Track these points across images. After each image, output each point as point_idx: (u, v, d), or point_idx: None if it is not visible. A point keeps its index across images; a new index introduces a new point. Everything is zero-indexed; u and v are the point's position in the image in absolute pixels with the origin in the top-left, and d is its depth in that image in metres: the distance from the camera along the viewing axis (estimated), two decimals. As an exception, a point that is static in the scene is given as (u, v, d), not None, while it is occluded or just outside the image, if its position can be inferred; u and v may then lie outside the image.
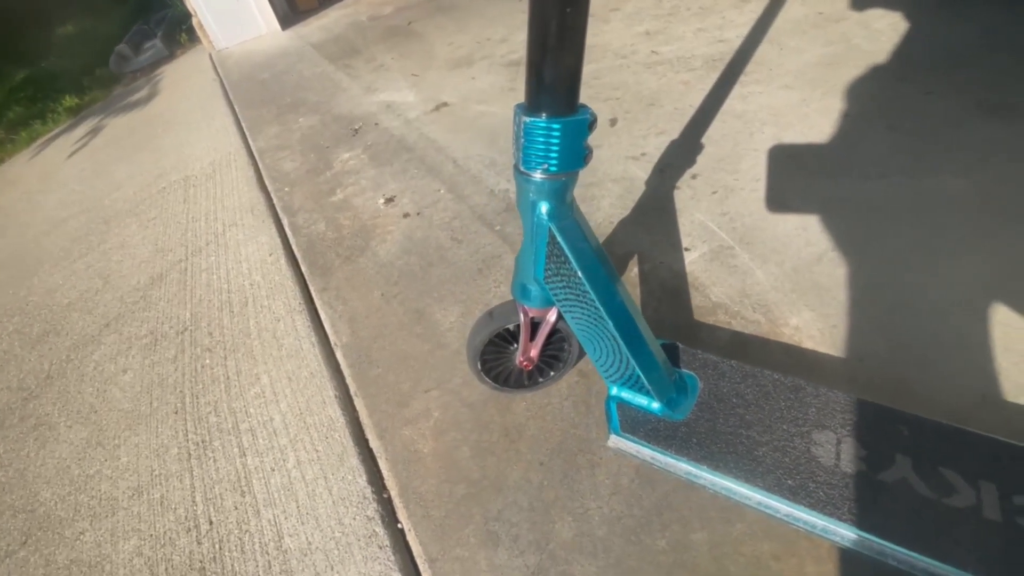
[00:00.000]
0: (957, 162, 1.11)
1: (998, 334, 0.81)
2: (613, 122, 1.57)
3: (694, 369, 0.79)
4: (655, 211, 1.21)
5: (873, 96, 1.36)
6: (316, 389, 1.02)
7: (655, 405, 0.75)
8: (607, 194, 1.31)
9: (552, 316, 0.77)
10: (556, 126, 0.57)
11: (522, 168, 0.62)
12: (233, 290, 1.38)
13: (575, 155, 0.60)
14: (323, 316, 1.17)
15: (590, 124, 0.59)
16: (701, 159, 1.32)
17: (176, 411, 1.13)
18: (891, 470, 0.63)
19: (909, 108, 1.29)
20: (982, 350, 0.79)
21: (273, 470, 0.92)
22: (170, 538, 0.89)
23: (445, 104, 1.93)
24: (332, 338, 1.11)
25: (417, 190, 1.50)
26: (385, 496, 0.83)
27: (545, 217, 0.63)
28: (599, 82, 1.78)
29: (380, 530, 0.78)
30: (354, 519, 0.81)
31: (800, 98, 1.43)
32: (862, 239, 1.01)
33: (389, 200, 1.49)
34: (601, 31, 2.11)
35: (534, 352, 0.81)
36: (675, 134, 1.44)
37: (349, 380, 1.02)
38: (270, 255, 1.44)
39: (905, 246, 0.98)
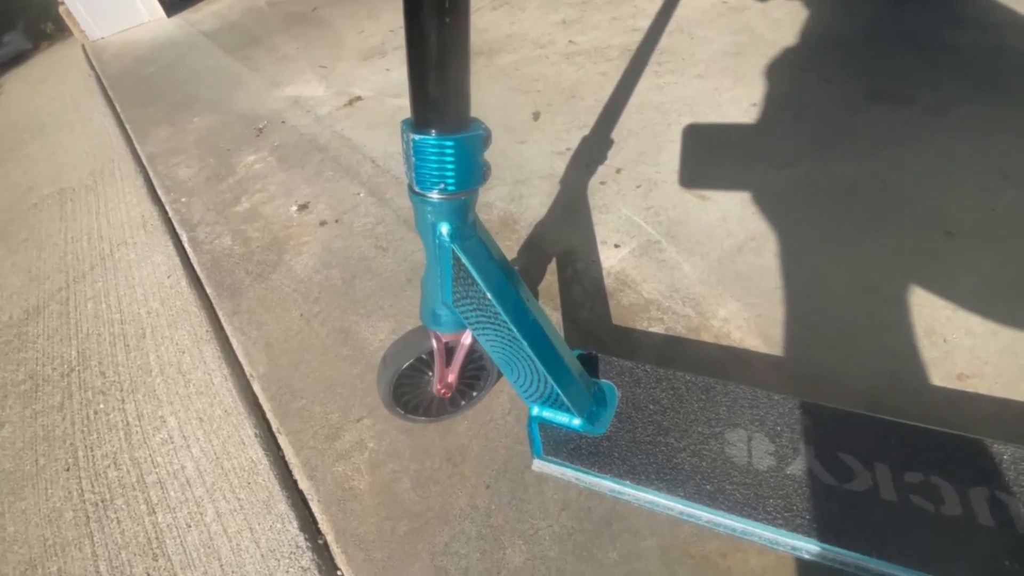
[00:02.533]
0: (855, 149, 1.19)
1: (902, 314, 0.87)
2: (536, 116, 1.54)
3: (610, 377, 0.79)
4: (583, 208, 1.20)
5: (778, 85, 1.43)
6: (233, 428, 0.92)
7: (576, 422, 0.74)
8: (536, 192, 1.28)
9: (467, 339, 0.74)
10: (449, 143, 0.54)
11: (417, 189, 0.58)
12: (127, 320, 1.22)
13: (473, 172, 0.57)
14: (235, 344, 1.06)
15: (484, 139, 0.56)
16: (623, 153, 1.33)
17: (68, 468, 0.98)
18: (796, 461, 0.66)
19: (810, 96, 1.36)
20: (889, 330, 0.85)
21: (189, 526, 0.82)
22: (69, 620, 0.78)
23: (359, 98, 1.81)
24: (247, 369, 1.01)
25: (334, 194, 1.40)
26: (320, 542, 0.76)
27: (447, 238, 0.61)
28: (519, 73, 1.74)
29: (317, 581, 0.72)
30: (287, 572, 0.74)
31: (712, 87, 1.47)
32: (777, 227, 1.06)
33: (303, 207, 1.38)
34: (518, 19, 2.07)
35: (452, 378, 0.78)
36: (597, 127, 1.43)
37: (270, 415, 0.93)
38: (168, 277, 1.28)
39: (815, 232, 1.03)
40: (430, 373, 0.79)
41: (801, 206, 1.08)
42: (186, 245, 1.36)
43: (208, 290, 1.21)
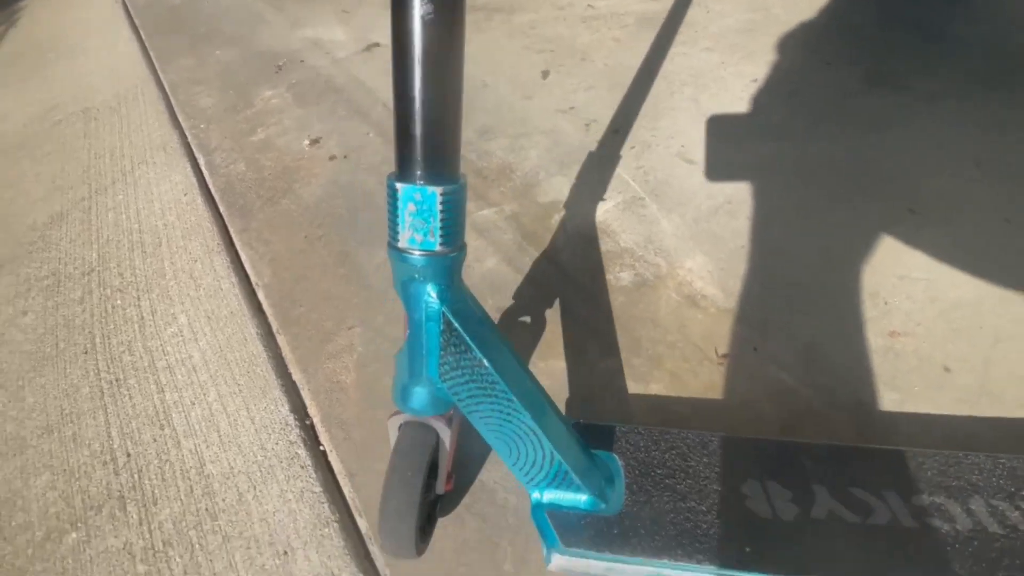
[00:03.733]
0: (843, 128, 1.24)
1: (853, 277, 0.95)
2: (545, 75, 1.59)
3: (606, 446, 0.71)
4: (577, 163, 1.27)
5: (781, 63, 1.47)
6: (237, 327, 1.02)
7: (583, 499, 0.65)
8: (535, 145, 1.35)
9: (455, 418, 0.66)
10: (445, 193, 0.50)
11: (401, 246, 0.53)
12: (145, 230, 1.32)
13: (463, 224, 0.54)
14: (243, 257, 1.16)
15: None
16: (624, 115, 1.39)
17: (86, 351, 1.09)
18: (816, 503, 0.63)
19: (810, 76, 1.41)
20: (838, 290, 0.93)
21: (193, 404, 0.93)
22: (85, 471, 0.89)
23: (376, 44, 1.86)
24: (253, 278, 1.11)
25: (344, 132, 1.47)
26: (308, 423, 0.87)
27: (436, 302, 0.55)
28: (535, 32, 1.78)
29: (302, 452, 0.83)
30: (276, 444, 0.84)
31: (719, 61, 1.52)
32: (754, 194, 1.12)
33: (315, 142, 1.45)
34: (539, -20, 2.09)
35: (451, 465, 0.68)
36: (603, 90, 1.49)
37: (271, 318, 1.03)
38: (185, 195, 1.37)
39: (789, 201, 1.10)
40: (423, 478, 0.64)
41: (781, 177, 1.15)
42: (203, 167, 1.45)
43: (221, 208, 1.30)
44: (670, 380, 0.85)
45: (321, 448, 0.84)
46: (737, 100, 1.37)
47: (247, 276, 1.13)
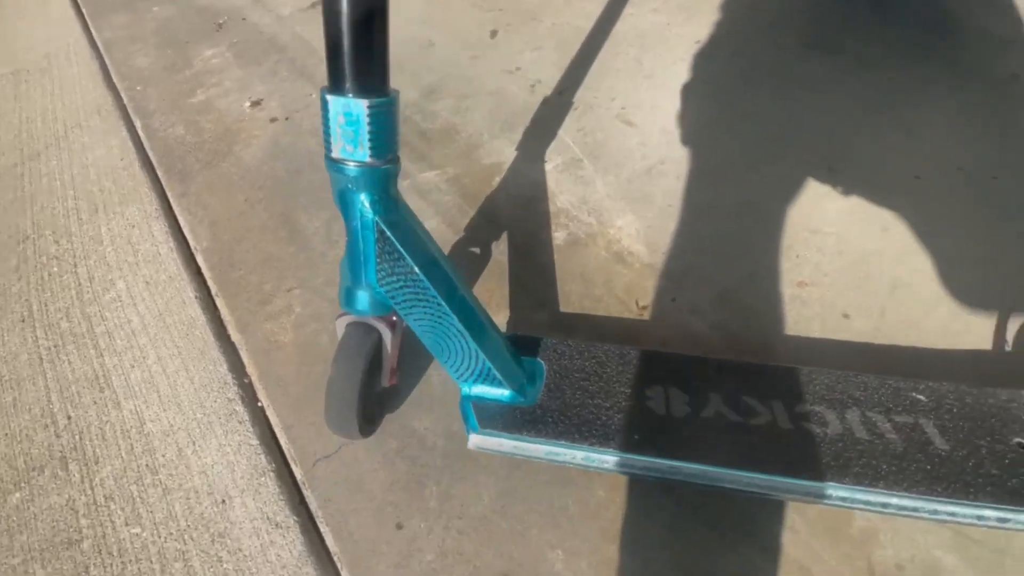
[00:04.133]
0: (776, 88, 1.27)
1: (771, 232, 1.00)
2: (494, 34, 1.57)
3: (538, 355, 0.80)
4: (521, 124, 1.28)
5: (725, 25, 1.48)
6: (175, 291, 1.03)
7: (506, 394, 0.74)
8: (480, 106, 1.34)
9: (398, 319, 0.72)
10: (380, 106, 0.53)
11: (335, 156, 0.56)
12: (80, 196, 1.28)
13: (396, 138, 0.57)
14: (182, 221, 1.15)
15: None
16: (569, 76, 1.39)
17: (23, 319, 1.08)
18: (708, 406, 0.73)
19: (751, 38, 1.43)
20: (756, 243, 0.98)
21: (133, 366, 0.94)
22: (26, 435, 0.90)
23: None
24: (192, 243, 1.10)
25: (287, 94, 1.44)
26: (246, 381, 0.89)
27: (370, 211, 0.59)
28: (484, -10, 1.75)
29: (240, 408, 0.86)
30: (215, 401, 0.87)
31: (665, 22, 1.52)
32: (686, 153, 1.16)
33: (256, 103, 1.42)
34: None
35: (395, 362, 0.76)
36: (550, 50, 1.48)
37: (210, 282, 1.03)
38: (121, 160, 1.34)
39: (718, 160, 1.13)
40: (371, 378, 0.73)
41: (713, 136, 1.18)
42: (140, 131, 1.41)
43: (159, 173, 1.28)
44: (593, 330, 0.90)
45: (259, 404, 0.87)
46: (679, 61, 1.38)
47: (186, 241, 1.12)
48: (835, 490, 0.64)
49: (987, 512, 0.61)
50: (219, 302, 1.00)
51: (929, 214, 1.00)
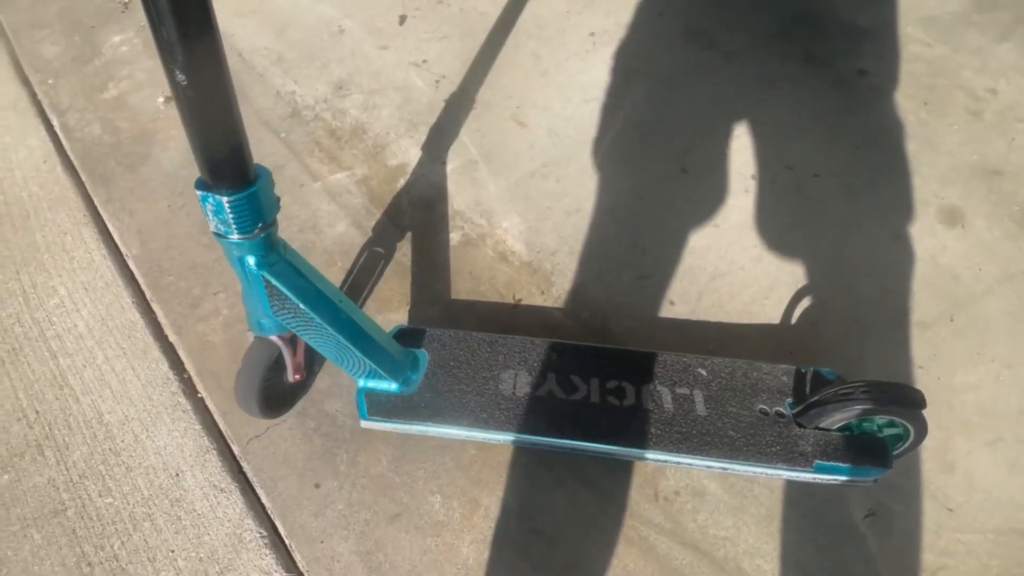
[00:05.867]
0: (651, 83, 1.42)
1: (626, 230, 1.20)
2: (402, 20, 1.62)
3: (424, 345, 0.98)
4: (425, 124, 1.40)
5: (616, 15, 1.59)
6: (114, 297, 1.17)
7: (393, 386, 0.93)
8: (388, 103, 1.45)
9: None
10: (239, 199, 0.63)
11: (213, 231, 0.67)
12: (11, 202, 1.35)
13: (265, 212, 0.67)
14: (111, 228, 1.26)
15: (270, 181, 0.66)
16: (472, 71, 1.49)
17: (-25, 325, 1.20)
18: (544, 385, 0.93)
19: (639, 28, 1.55)
20: (611, 241, 1.19)
21: (85, 366, 1.10)
22: (3, 427, 1.06)
23: (230, -22, 1.77)
24: (123, 249, 1.22)
25: (201, 91, 1.49)
26: (185, 376, 1.07)
27: (255, 268, 0.71)
28: (394, -33, 1.76)
29: (183, 400, 1.04)
30: (161, 395, 1.05)
31: (564, 10, 1.61)
32: (566, 156, 1.32)
33: (169, 99, 1.47)
34: None
35: (300, 359, 0.94)
36: (455, 39, 1.56)
37: (144, 287, 1.17)
38: (44, 162, 1.40)
39: (593, 162, 1.30)
40: (274, 376, 0.93)
41: (590, 138, 1.34)
42: (58, 131, 1.45)
43: (83, 177, 1.35)
44: (477, 321, 1.10)
45: (199, 395, 1.05)
46: (572, 57, 1.50)
47: (117, 247, 1.24)
48: (617, 449, 0.89)
49: (713, 463, 0.88)
50: (155, 306, 1.15)
51: (754, 211, 1.22)
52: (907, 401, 0.80)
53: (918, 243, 1.16)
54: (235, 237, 0.67)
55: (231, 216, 0.65)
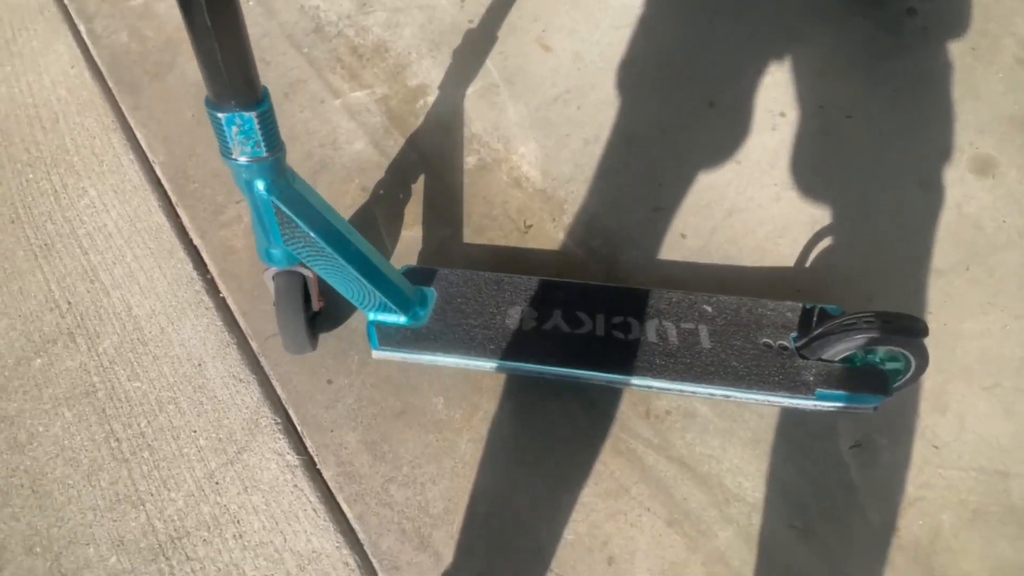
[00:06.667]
0: (684, 19, 1.36)
1: (643, 162, 1.19)
2: (430, -64, 1.56)
3: (431, 283, 1.00)
4: (448, 45, 1.37)
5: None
6: (141, 200, 1.21)
7: (402, 319, 0.95)
8: (411, 22, 1.42)
9: None
10: (250, 116, 0.63)
11: (233, 157, 0.67)
12: (40, 105, 1.39)
13: (276, 136, 0.68)
14: (138, 135, 1.28)
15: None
16: (497, -6, 1.44)
17: (12, 220, 1.26)
18: (550, 320, 0.95)
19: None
20: (628, 173, 1.18)
21: (115, 263, 1.16)
22: (36, 316, 1.14)
23: None
24: (150, 156, 1.26)
25: (225, 2, 1.47)
26: (208, 277, 1.12)
27: (265, 194, 0.72)
28: None
29: (206, 299, 1.10)
30: (186, 292, 1.11)
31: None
32: (591, 83, 1.29)
33: (195, 11, 1.46)
34: None
35: (317, 290, 0.96)
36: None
37: (170, 193, 1.21)
38: (72, 68, 1.41)
39: (617, 91, 1.27)
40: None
41: (618, 67, 1.30)
42: (85, 37, 1.46)
43: (110, 84, 1.37)
44: (487, 244, 1.12)
45: (221, 296, 1.10)
46: (602, -18, 1.43)
47: (144, 153, 1.27)
48: (620, 378, 0.92)
49: (716, 391, 0.90)
50: (180, 211, 1.19)
51: (779, 149, 1.19)
52: (909, 330, 0.80)
53: (946, 191, 1.13)
54: (244, 160, 0.67)
55: (260, 132, 0.65)
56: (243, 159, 0.68)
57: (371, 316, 0.95)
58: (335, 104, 1.30)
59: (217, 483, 0.95)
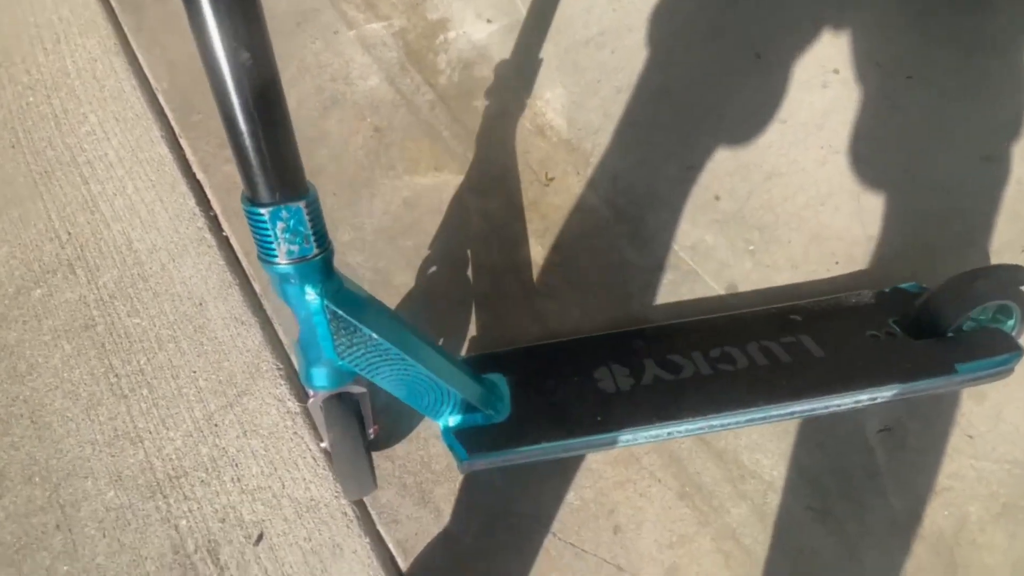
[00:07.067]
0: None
1: (673, 116, 1.09)
2: None
3: (495, 369, 0.86)
4: (472, -24, 1.26)
5: None
6: (143, 130, 1.15)
7: (482, 415, 0.80)
8: (434, -49, 1.30)
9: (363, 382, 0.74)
10: (297, 209, 0.54)
11: (272, 261, 0.57)
12: (41, 24, 1.31)
13: (323, 229, 0.58)
14: (141, 59, 1.21)
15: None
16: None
17: (12, 145, 1.21)
18: (646, 373, 0.83)
19: None
20: (659, 128, 1.09)
21: (115, 194, 1.11)
22: (36, 245, 1.10)
23: None
24: (153, 83, 1.18)
25: (235, -82, 1.36)
26: (211, 214, 1.07)
27: (318, 299, 0.60)
28: None
29: (208, 236, 1.05)
30: (187, 229, 1.06)
31: None
32: (625, 27, 1.18)
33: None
34: None
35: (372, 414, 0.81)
36: None
37: (173, 123, 1.14)
38: (73, -16, 1.33)
39: (651, 41, 1.16)
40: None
41: (656, 11, 1.19)
42: (87, -50, 1.36)
43: (112, 3, 1.29)
44: (504, 196, 1.05)
45: (224, 234, 1.06)
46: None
47: (147, 79, 1.20)
48: (751, 415, 0.80)
49: (862, 396, 0.79)
50: (183, 143, 1.13)
51: (829, 109, 1.09)
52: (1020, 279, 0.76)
53: (1010, 166, 1.03)
54: (298, 260, 0.56)
55: (310, 225, 0.55)
56: (288, 261, 0.57)
57: (445, 422, 0.80)
58: (349, 35, 1.21)
59: (216, 425, 0.92)
